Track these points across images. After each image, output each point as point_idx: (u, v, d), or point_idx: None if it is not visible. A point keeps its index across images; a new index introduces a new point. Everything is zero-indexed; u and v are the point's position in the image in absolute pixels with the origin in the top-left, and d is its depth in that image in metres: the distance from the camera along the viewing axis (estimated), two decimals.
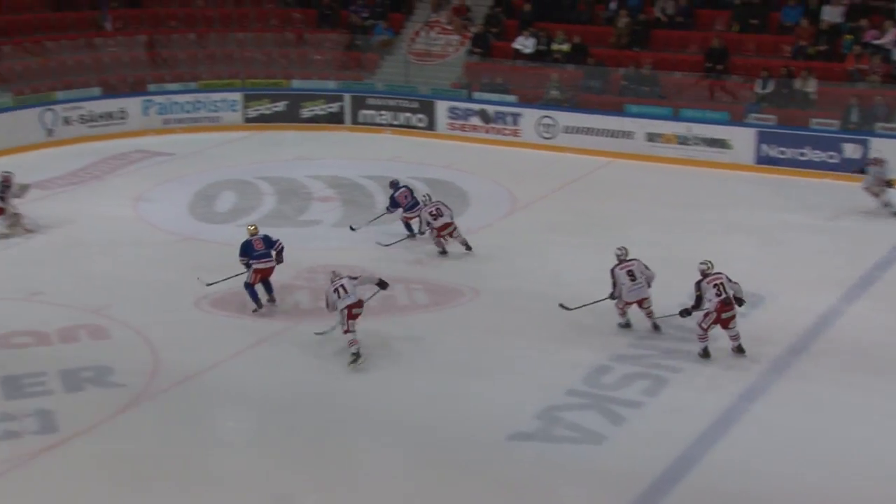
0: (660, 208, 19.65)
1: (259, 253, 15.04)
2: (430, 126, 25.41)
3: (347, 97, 25.86)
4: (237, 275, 15.30)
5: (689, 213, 19.42)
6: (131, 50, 26.19)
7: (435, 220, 17.19)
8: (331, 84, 26.17)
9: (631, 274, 14.12)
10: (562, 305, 14.62)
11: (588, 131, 23.82)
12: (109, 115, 24.54)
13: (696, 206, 19.91)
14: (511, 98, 24.94)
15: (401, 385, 13.13)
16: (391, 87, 25.97)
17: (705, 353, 13.44)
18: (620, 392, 12.70)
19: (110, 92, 24.95)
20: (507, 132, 24.74)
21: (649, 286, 14.16)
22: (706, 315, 13.27)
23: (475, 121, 25.02)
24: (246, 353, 13.99)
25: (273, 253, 15.12)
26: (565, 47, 25.35)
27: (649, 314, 14.25)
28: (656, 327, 14.24)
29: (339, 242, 18.08)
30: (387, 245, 17.80)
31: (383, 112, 25.73)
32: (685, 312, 13.67)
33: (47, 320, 14.64)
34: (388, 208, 18.37)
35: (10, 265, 16.45)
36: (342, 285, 13.62)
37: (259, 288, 15.19)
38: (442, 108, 25.31)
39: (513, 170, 22.51)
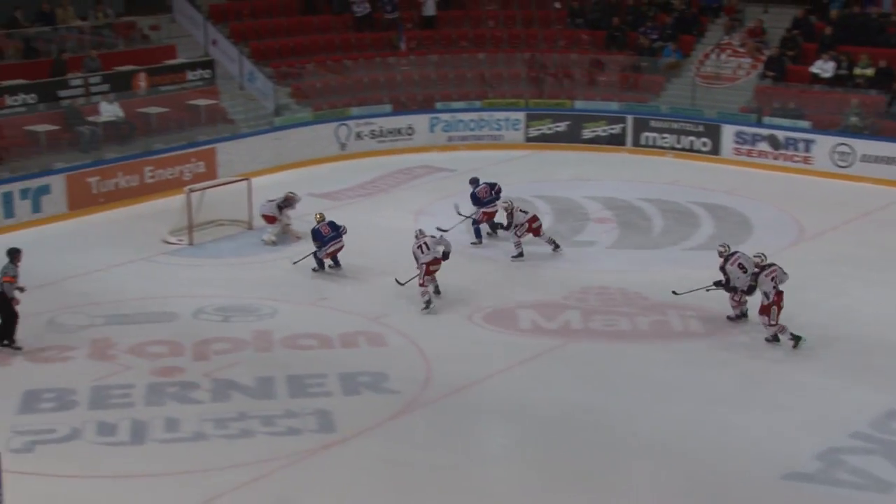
0: None
1: (329, 237, 17.23)
2: (715, 150, 24.83)
3: (630, 119, 25.72)
4: (310, 253, 17.23)
5: None
6: (422, 69, 27.23)
7: (525, 216, 17.95)
8: (614, 105, 26.11)
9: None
10: (674, 292, 15.73)
11: (889, 161, 22.51)
12: (398, 131, 25.60)
13: None
14: (804, 124, 23.97)
15: (669, 410, 12.94)
16: (676, 109, 25.59)
17: (775, 338, 14.62)
18: None
19: (400, 109, 26.01)
20: (797, 159, 23.78)
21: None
22: (769, 307, 14.48)
23: (763, 146, 24.22)
24: (516, 368, 14.18)
25: (342, 235, 17.35)
26: (869, 72, 24.11)
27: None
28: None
29: (615, 264, 17.98)
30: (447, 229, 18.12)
31: (666, 135, 25.39)
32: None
33: (331, 325, 15.44)
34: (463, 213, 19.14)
35: (301, 274, 17.47)
36: (425, 242, 15.76)
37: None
38: (728, 132, 24.67)
39: (802, 198, 21.61)
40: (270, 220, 19.00)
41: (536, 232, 18.25)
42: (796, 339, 14.54)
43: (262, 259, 18.28)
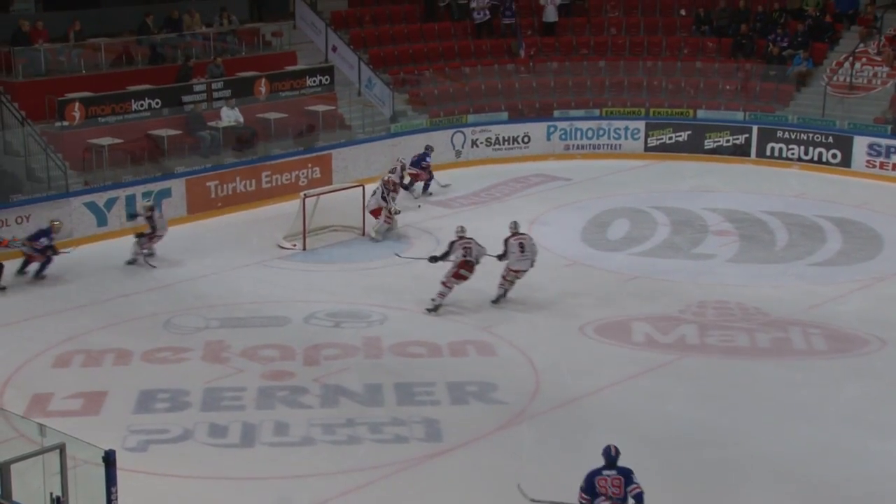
0: None
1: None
2: (845, 163, 24.14)
3: (755, 129, 25.20)
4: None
5: None
6: (541, 76, 27.18)
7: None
8: (738, 115, 25.63)
9: None
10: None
11: None
12: (514, 139, 25.61)
13: None
14: None
15: (794, 432, 12.66)
16: (805, 119, 24.98)
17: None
18: None
19: (517, 117, 26.03)
20: None
21: None
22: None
23: None
24: (628, 382, 14.05)
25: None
26: None
27: None
28: None
29: (735, 279, 17.65)
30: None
31: (793, 146, 24.80)
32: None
33: (440, 333, 15.54)
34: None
35: (412, 278, 17.64)
36: (470, 246, 16.16)
37: None
38: (860, 144, 23.97)
39: None
40: (376, 213, 19.25)
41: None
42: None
43: (374, 265, 18.51)
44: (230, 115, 22.28)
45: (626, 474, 10.21)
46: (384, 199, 19.53)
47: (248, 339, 15.26)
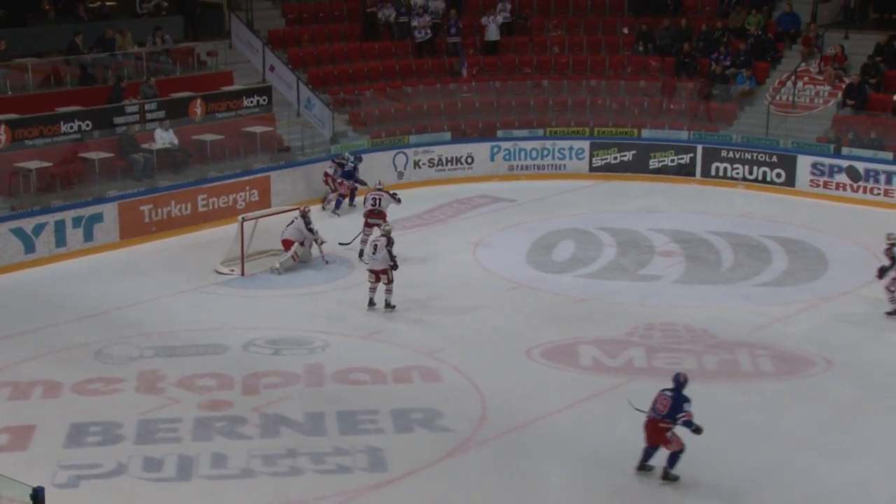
0: None
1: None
2: (789, 182, 24.50)
3: (700, 148, 25.49)
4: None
5: None
6: (483, 96, 27.30)
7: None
8: (683, 135, 25.93)
9: None
10: None
11: None
12: (457, 160, 25.62)
13: None
14: (886, 155, 23.62)
15: (743, 456, 12.72)
16: (749, 139, 25.33)
17: None
18: None
19: (460, 137, 26.09)
20: (877, 192, 23.43)
21: None
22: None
23: (841, 178, 23.87)
24: (576, 406, 14.06)
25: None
26: None
27: None
28: None
29: (681, 300, 17.79)
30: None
31: (737, 165, 25.12)
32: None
33: (384, 359, 15.45)
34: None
35: (355, 304, 17.53)
36: (376, 245, 17.06)
37: None
38: (804, 163, 24.35)
39: (882, 234, 21.12)
40: (288, 244, 19.25)
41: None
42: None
43: (315, 290, 18.38)
44: (164, 137, 22.06)
45: (678, 402, 11.85)
46: (310, 230, 19.32)
47: (185, 368, 15.04)
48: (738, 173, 25.13)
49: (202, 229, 21.33)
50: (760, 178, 24.87)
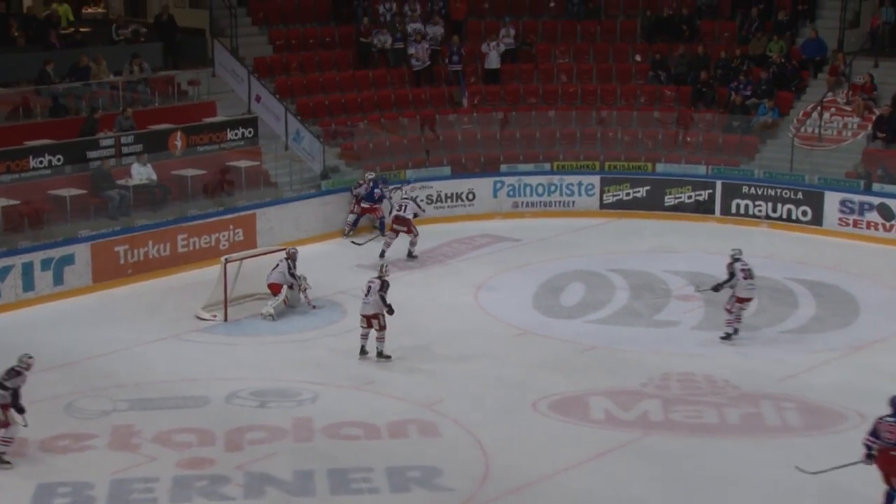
0: None
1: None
2: (816, 220, 24.56)
3: (719, 184, 25.59)
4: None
5: None
6: (486, 128, 27.43)
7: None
8: (700, 169, 26.02)
9: None
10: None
11: None
12: (457, 196, 25.69)
13: None
14: None
15: None
16: (772, 174, 25.42)
17: None
18: None
19: (460, 171, 26.18)
20: None
21: None
22: None
23: (873, 216, 23.93)
24: (587, 464, 14.02)
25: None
26: None
27: None
28: None
29: (700, 348, 17.78)
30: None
31: (760, 202, 25.19)
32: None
33: (378, 412, 15.42)
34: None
35: (346, 352, 17.52)
36: (370, 286, 17.09)
37: None
38: (832, 200, 24.43)
39: None
40: (276, 288, 19.24)
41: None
42: None
43: (304, 337, 18.38)
44: (141, 173, 22.13)
45: None
46: (292, 274, 19.37)
47: (162, 423, 15.00)
48: (760, 211, 25.20)
49: (182, 272, 21.34)
50: (785, 216, 24.94)
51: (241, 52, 26.53)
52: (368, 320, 17.16)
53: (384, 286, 17.14)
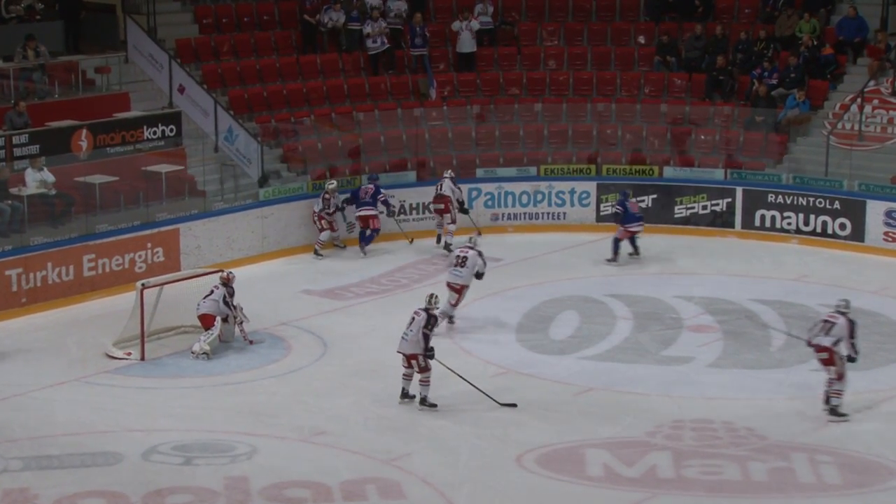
0: None
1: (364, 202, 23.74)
2: (857, 235, 24.79)
3: (739, 192, 25.78)
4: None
5: None
6: (459, 124, 27.52)
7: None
8: (717, 174, 26.22)
9: None
10: None
11: None
12: (424, 207, 25.71)
13: None
14: None
15: None
16: (803, 179, 25.64)
17: None
18: None
19: (428, 177, 26.16)
20: None
21: None
22: None
23: None
24: None
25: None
26: None
27: None
28: None
29: (719, 390, 17.87)
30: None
31: (789, 213, 25.40)
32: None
33: (329, 470, 15.38)
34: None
35: (290, 396, 17.51)
36: (413, 318, 17.12)
37: None
38: (875, 210, 24.67)
39: None
40: (208, 320, 19.25)
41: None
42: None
43: (239, 379, 18.36)
44: (38, 180, 22.06)
45: None
46: (227, 304, 19.32)
47: (64, 486, 14.90)
48: (790, 224, 25.39)
49: (88, 300, 21.35)
50: (819, 229, 25.13)
51: (161, 33, 26.56)
52: (409, 360, 17.13)
53: (430, 322, 17.01)
